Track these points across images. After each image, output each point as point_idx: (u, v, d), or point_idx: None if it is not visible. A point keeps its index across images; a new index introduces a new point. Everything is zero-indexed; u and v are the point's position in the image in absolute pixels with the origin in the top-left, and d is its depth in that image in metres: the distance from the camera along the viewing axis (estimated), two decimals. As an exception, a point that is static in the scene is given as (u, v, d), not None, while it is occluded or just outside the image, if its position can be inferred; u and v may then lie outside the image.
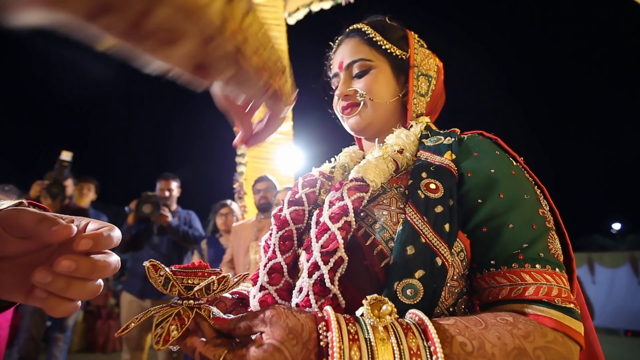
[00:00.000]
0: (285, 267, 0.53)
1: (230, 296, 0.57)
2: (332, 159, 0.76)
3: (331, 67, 0.78)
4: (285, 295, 0.52)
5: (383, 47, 0.70)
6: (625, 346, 7.07)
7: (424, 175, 0.54)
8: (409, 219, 0.49)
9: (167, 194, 2.97)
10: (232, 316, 0.41)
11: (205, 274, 0.41)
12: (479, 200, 0.52)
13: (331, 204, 0.53)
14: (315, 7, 4.06)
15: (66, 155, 2.78)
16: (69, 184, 2.93)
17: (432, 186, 0.52)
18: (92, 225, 0.37)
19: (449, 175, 0.53)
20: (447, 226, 0.49)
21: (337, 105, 0.73)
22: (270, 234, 0.58)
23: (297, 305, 0.49)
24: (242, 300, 0.57)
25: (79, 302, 0.36)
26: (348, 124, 0.72)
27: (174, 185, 3.04)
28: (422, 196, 0.51)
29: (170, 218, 2.78)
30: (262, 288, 0.52)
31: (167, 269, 0.40)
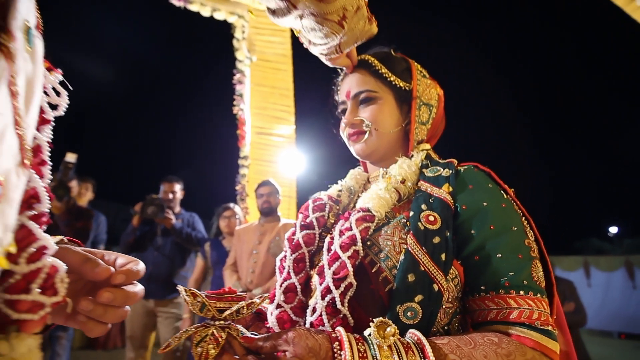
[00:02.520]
0: (299, 287, 0.60)
1: None
2: (339, 181, 0.81)
3: (339, 92, 0.83)
4: (299, 313, 0.59)
5: (388, 79, 0.74)
6: (619, 348, 7.18)
7: (423, 207, 0.60)
8: (410, 249, 0.56)
9: (170, 196, 3.02)
10: (256, 334, 0.47)
11: (234, 299, 0.47)
12: (472, 232, 0.59)
13: (341, 233, 0.60)
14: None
15: (71, 157, 2.82)
16: (74, 185, 2.99)
17: (431, 218, 0.58)
18: (120, 260, 0.45)
19: (446, 207, 0.60)
20: (443, 256, 0.55)
21: (344, 131, 0.78)
22: (285, 256, 0.64)
23: (311, 323, 0.55)
24: (259, 315, 0.64)
25: (110, 324, 0.43)
26: (354, 149, 0.77)
27: (178, 187, 3.09)
28: (422, 228, 0.57)
29: (174, 220, 2.84)
30: (278, 306, 0.59)
31: (202, 294, 0.46)
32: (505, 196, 0.63)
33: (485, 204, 0.60)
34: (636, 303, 8.33)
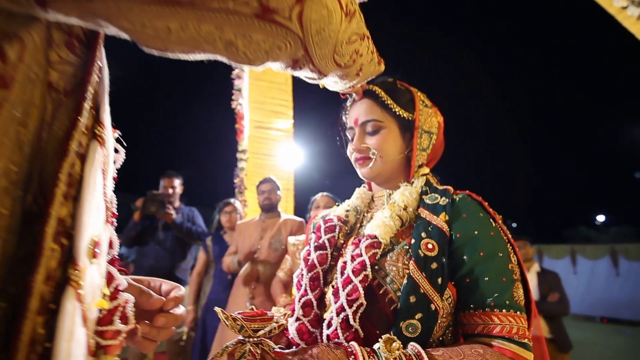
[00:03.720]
0: (315, 302, 0.70)
1: None
2: (347, 201, 0.90)
3: (347, 116, 0.90)
4: (315, 325, 0.69)
5: (393, 110, 0.81)
6: (601, 332, 7.56)
7: (423, 235, 0.69)
8: (411, 274, 0.65)
9: (170, 191, 3.09)
10: (283, 347, 0.57)
11: (265, 319, 0.56)
12: (464, 257, 0.68)
13: (353, 258, 0.69)
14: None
15: None
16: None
17: (430, 246, 0.67)
18: (165, 286, 0.53)
19: (443, 236, 0.69)
20: (440, 280, 0.65)
21: (352, 155, 0.86)
22: (302, 274, 0.74)
23: (327, 336, 0.65)
24: None
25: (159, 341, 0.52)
26: (360, 172, 0.85)
27: (177, 182, 3.16)
28: (422, 255, 0.67)
29: (174, 215, 2.91)
30: (297, 319, 0.69)
31: (239, 317, 0.55)
32: (493, 224, 0.72)
33: (476, 232, 0.69)
34: (618, 289, 8.71)
